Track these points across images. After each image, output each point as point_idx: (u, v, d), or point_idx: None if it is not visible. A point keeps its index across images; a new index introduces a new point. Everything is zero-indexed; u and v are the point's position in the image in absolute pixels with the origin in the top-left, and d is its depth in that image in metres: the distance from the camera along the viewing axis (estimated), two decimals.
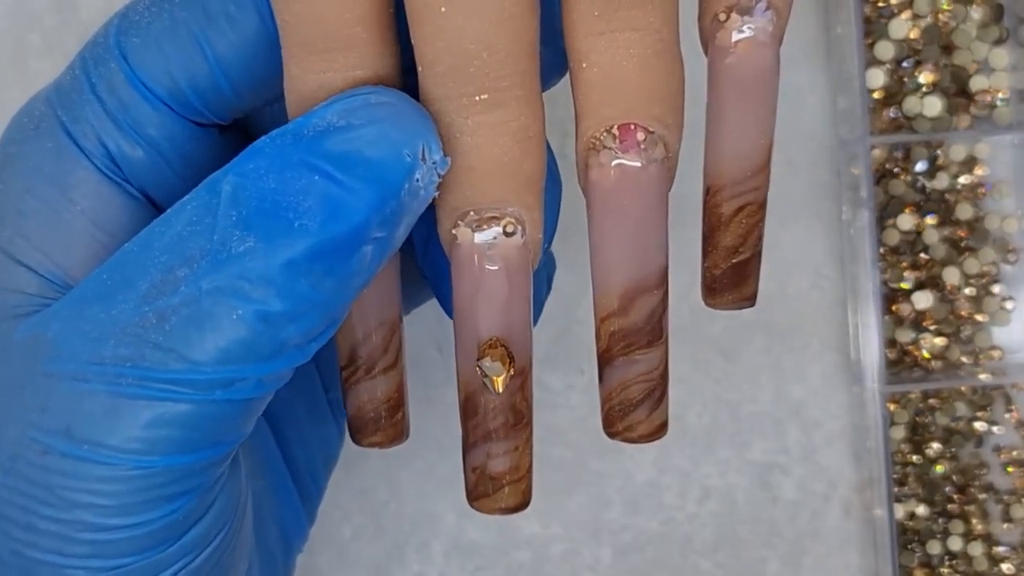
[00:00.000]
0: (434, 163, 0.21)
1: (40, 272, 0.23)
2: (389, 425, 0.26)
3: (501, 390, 0.22)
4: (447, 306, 0.27)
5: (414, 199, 0.21)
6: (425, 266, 0.27)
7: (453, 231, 0.22)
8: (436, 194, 0.21)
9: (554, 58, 0.23)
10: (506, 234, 0.21)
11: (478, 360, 0.22)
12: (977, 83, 0.39)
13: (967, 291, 0.40)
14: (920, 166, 0.40)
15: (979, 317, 0.40)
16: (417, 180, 0.20)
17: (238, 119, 0.25)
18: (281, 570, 0.30)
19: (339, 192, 0.20)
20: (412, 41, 0.21)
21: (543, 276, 0.29)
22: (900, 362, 0.40)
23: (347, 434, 0.33)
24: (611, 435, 0.23)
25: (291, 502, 0.30)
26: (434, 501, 0.39)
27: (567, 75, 0.24)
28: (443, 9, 0.20)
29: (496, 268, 0.22)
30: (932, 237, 0.40)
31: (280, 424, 0.29)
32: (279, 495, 0.29)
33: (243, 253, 0.20)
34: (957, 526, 0.39)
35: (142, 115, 0.23)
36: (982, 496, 0.40)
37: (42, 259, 0.23)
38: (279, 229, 0.20)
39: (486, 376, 0.22)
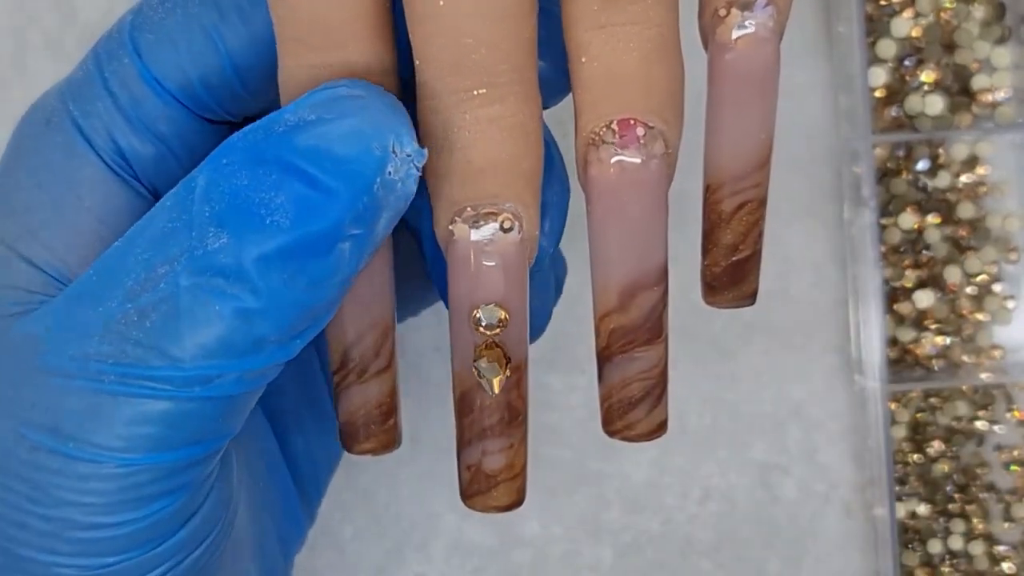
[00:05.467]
0: (408, 156, 0.20)
1: (45, 269, 0.23)
2: (381, 431, 0.25)
3: (497, 391, 0.22)
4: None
5: (390, 193, 0.20)
6: (432, 268, 0.27)
7: (450, 227, 0.22)
8: (415, 188, 0.21)
9: (554, 73, 0.23)
10: (503, 230, 0.21)
11: (474, 361, 0.22)
12: (979, 82, 0.39)
13: (968, 290, 0.40)
14: (922, 165, 0.40)
15: (980, 316, 0.40)
16: (390, 174, 0.20)
17: (249, 116, 0.25)
18: (278, 570, 0.29)
19: (310, 189, 0.20)
20: (409, 35, 0.21)
21: (550, 279, 0.29)
22: (901, 361, 0.40)
23: None
24: (610, 434, 0.23)
25: (291, 504, 0.30)
26: (434, 501, 0.39)
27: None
28: (441, 3, 0.20)
29: (493, 264, 0.21)
30: (933, 236, 0.39)
31: (283, 426, 0.29)
32: (280, 497, 0.29)
33: (217, 249, 0.20)
34: (958, 525, 0.39)
35: (154, 111, 0.23)
36: (983, 495, 0.40)
37: (48, 256, 0.23)
38: (251, 225, 0.20)
39: (482, 377, 0.22)
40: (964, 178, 0.40)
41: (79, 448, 0.20)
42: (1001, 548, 0.39)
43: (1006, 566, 0.39)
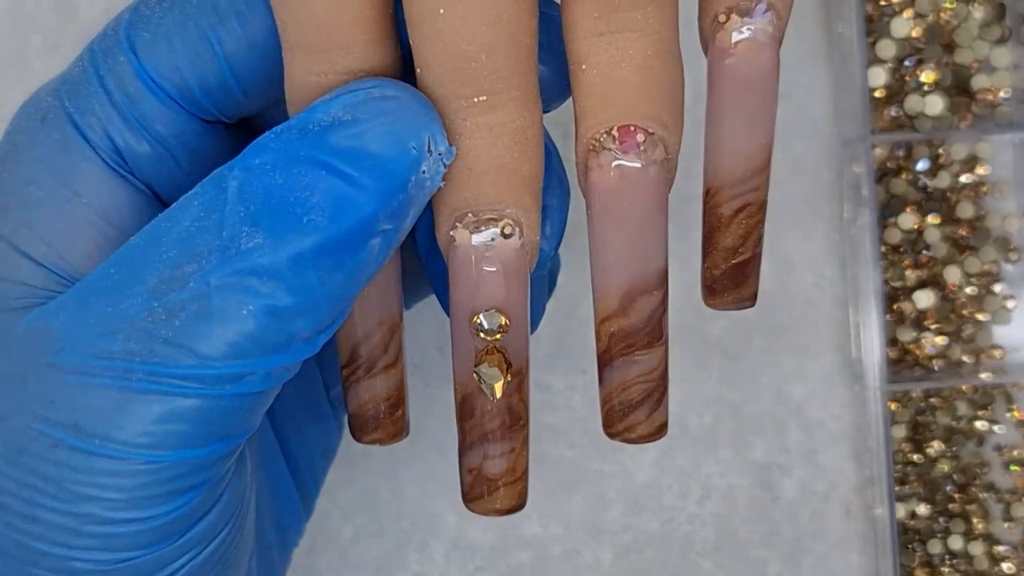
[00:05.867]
0: (440, 154, 0.21)
1: (44, 264, 0.23)
2: (389, 422, 0.26)
3: (499, 396, 0.22)
4: (448, 308, 0.27)
5: (421, 190, 0.21)
6: (428, 268, 0.27)
7: (451, 233, 0.22)
8: (441, 184, 0.21)
9: (554, 78, 0.23)
10: (504, 236, 0.21)
11: (475, 366, 0.22)
12: (979, 82, 0.39)
13: (968, 290, 0.40)
14: (922, 165, 0.40)
15: (980, 316, 0.40)
16: (423, 172, 0.20)
17: (244, 118, 0.25)
18: (277, 563, 0.30)
19: (347, 187, 0.20)
20: (410, 42, 0.21)
21: (545, 278, 0.29)
22: (901, 361, 0.40)
23: (347, 431, 0.33)
24: (611, 435, 0.23)
25: (289, 496, 0.30)
26: (435, 501, 0.39)
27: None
28: (441, 11, 0.20)
29: (494, 270, 0.22)
30: (933, 236, 0.39)
31: (280, 420, 0.29)
32: (277, 489, 0.29)
33: (252, 249, 0.20)
34: (958, 525, 0.39)
35: (149, 110, 0.23)
36: (983, 495, 0.40)
37: (46, 250, 0.23)
38: (288, 225, 0.20)
39: (483, 382, 0.22)
40: (964, 178, 0.40)
41: (104, 445, 0.20)
42: (1001, 548, 0.39)
43: (1006, 566, 0.39)
